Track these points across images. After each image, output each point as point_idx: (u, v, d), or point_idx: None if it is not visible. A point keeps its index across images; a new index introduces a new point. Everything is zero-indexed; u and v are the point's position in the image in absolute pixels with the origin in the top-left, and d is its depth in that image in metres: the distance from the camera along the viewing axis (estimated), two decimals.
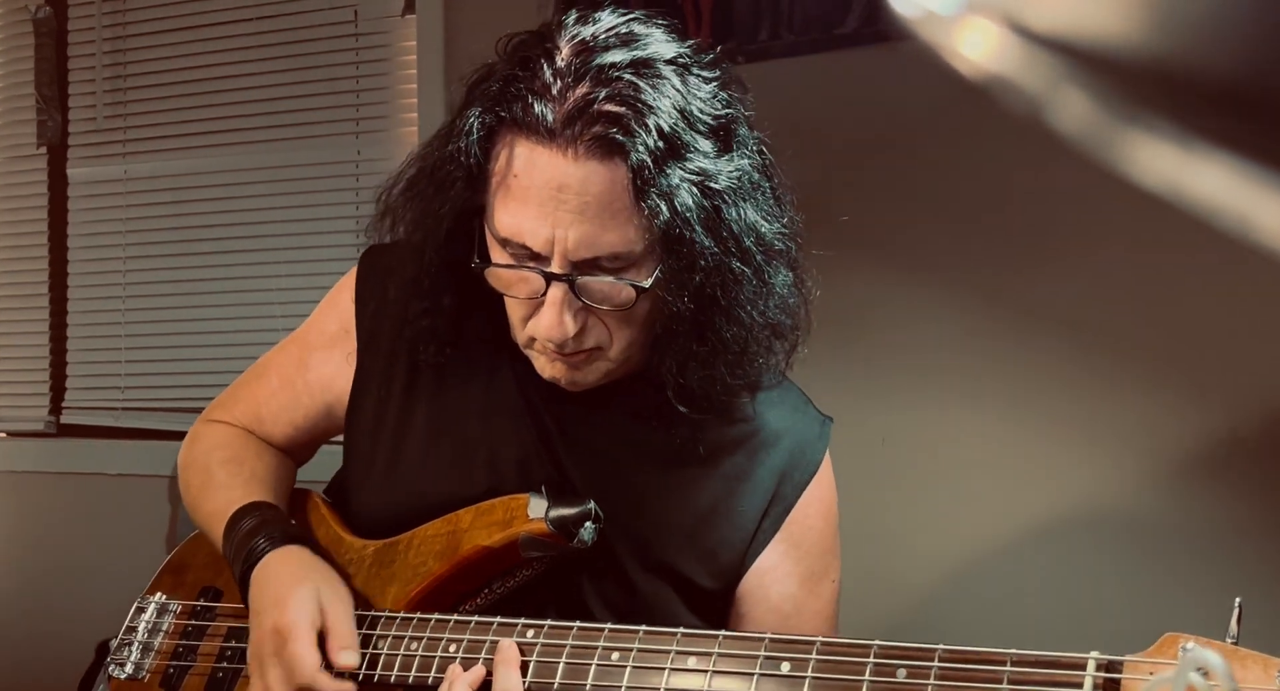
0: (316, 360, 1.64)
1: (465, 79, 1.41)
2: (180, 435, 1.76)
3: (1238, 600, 0.98)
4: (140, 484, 3.13)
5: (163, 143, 3.22)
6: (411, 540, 1.48)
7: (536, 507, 1.40)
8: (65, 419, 3.32)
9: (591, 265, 1.32)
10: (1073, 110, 0.51)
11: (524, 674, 1.28)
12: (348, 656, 1.38)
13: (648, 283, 1.33)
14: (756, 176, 1.37)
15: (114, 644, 1.64)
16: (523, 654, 1.29)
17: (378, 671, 1.37)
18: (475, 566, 1.43)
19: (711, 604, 1.50)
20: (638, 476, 1.48)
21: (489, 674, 1.30)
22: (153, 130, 3.23)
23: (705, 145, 1.32)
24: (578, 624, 1.29)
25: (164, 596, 1.66)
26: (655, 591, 1.46)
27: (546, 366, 1.42)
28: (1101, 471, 2.25)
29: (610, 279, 1.33)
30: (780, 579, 1.50)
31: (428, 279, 1.45)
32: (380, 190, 1.50)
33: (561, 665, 1.26)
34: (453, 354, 1.51)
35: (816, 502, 1.52)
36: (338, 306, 1.63)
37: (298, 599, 1.40)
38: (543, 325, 1.35)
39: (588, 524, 1.40)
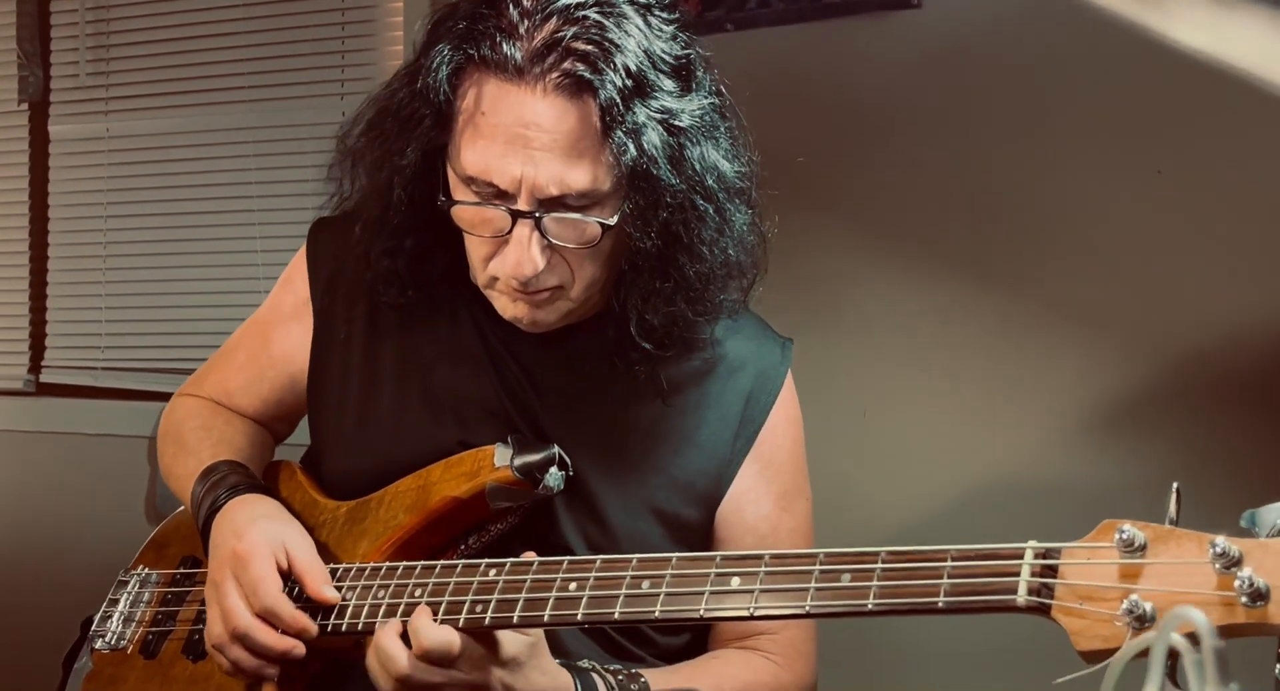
0: (277, 335, 1.66)
1: (428, 18, 1.43)
2: (160, 395, 1.78)
3: (1175, 485, 0.99)
4: (119, 444, 3.11)
5: (146, 100, 3.19)
6: (383, 497, 1.49)
7: (502, 456, 1.41)
8: (45, 378, 3.30)
9: (557, 203, 1.34)
10: None
11: (485, 611, 1.28)
12: (330, 590, 1.38)
13: (613, 220, 1.35)
14: (715, 117, 1.40)
15: (97, 617, 1.65)
16: (485, 592, 1.28)
17: (345, 620, 1.37)
18: (445, 518, 1.44)
19: (695, 535, 1.51)
20: (607, 415, 1.50)
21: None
22: (136, 88, 3.20)
23: (669, 85, 1.35)
24: (538, 559, 1.29)
25: (145, 569, 1.66)
26: (637, 529, 1.47)
27: (508, 306, 1.43)
28: (1081, 444, 2.26)
29: (576, 216, 1.34)
30: (755, 500, 1.52)
31: (393, 218, 1.45)
32: (339, 134, 1.50)
33: (521, 599, 1.25)
34: (414, 296, 1.52)
35: (783, 422, 1.55)
36: (292, 281, 1.66)
37: (258, 529, 1.41)
38: (509, 263, 1.36)
39: (553, 470, 1.41)
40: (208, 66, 3.12)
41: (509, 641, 1.26)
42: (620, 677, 1.39)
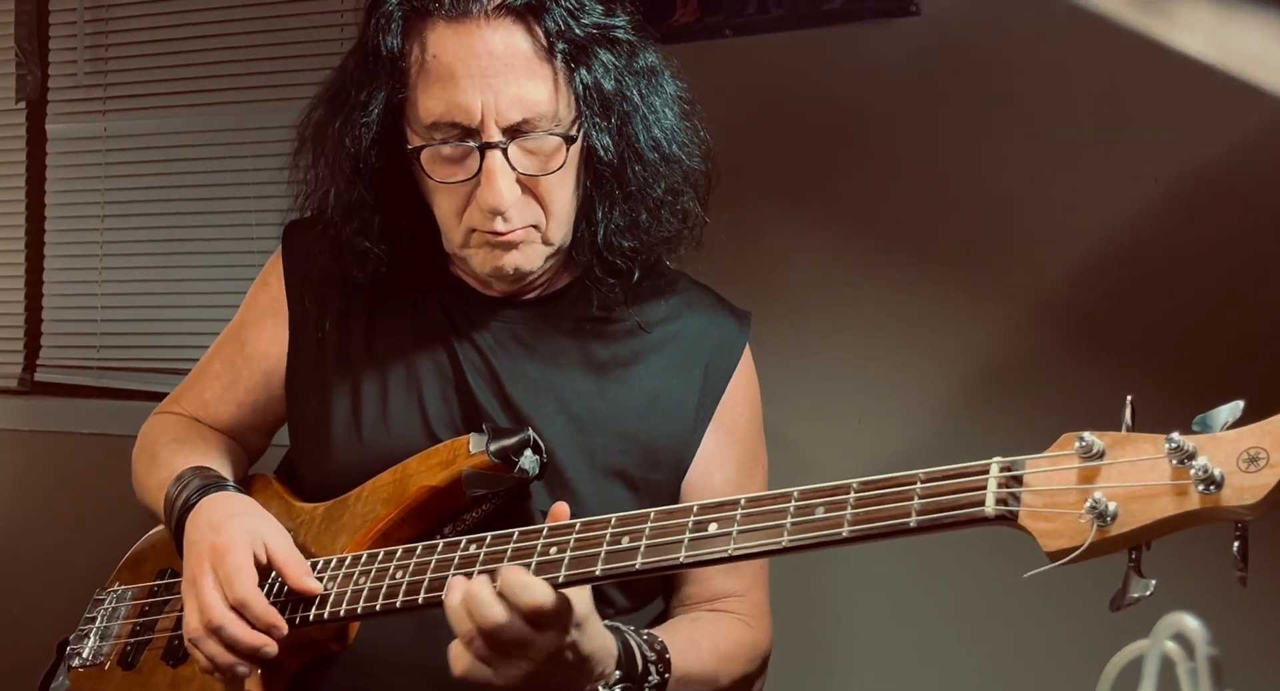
0: (251, 334, 1.68)
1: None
2: (155, 395, 1.79)
3: (1129, 397, 1.03)
4: (113, 443, 3.09)
5: (144, 100, 3.19)
6: (361, 493, 1.50)
7: (477, 443, 1.44)
8: (39, 376, 3.29)
9: (519, 131, 1.40)
10: None
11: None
12: (312, 580, 1.38)
13: (575, 132, 1.43)
14: (641, 34, 1.51)
15: (72, 638, 1.65)
16: (466, 565, 1.29)
17: (327, 609, 1.37)
18: (423, 508, 1.45)
19: (662, 498, 1.54)
20: (572, 386, 1.53)
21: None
22: (134, 87, 3.20)
23: (598, 9, 1.46)
24: (518, 529, 1.29)
25: (121, 586, 1.66)
26: (606, 494, 1.50)
27: (487, 259, 1.46)
28: None
29: (540, 136, 1.41)
30: (721, 465, 1.57)
31: (361, 189, 1.49)
32: (297, 124, 1.56)
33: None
34: (387, 274, 1.54)
35: (742, 390, 1.60)
36: (267, 281, 1.69)
37: (235, 524, 1.41)
38: (485, 196, 1.40)
39: (527, 452, 1.43)
40: (206, 66, 3.11)
41: (579, 601, 1.25)
42: (645, 637, 1.40)
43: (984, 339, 2.34)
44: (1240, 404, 0.98)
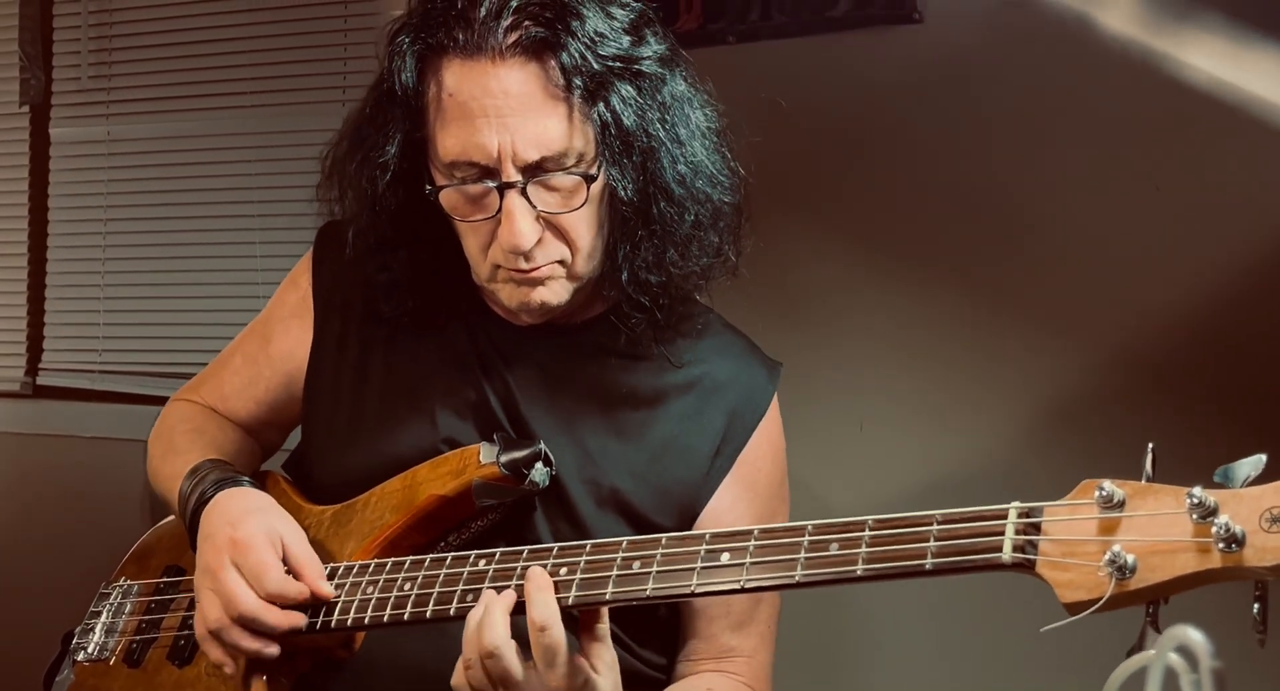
0: (277, 332, 1.66)
1: (383, 31, 1.47)
2: (156, 399, 1.79)
3: (1150, 445, 1.03)
4: (115, 447, 3.11)
5: (147, 104, 3.19)
6: (369, 499, 1.49)
7: (488, 453, 1.42)
8: (42, 380, 3.30)
9: (539, 169, 1.37)
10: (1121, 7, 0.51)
11: (475, 600, 1.27)
12: (326, 584, 1.38)
13: (595, 170, 1.38)
14: (671, 64, 1.45)
15: (78, 630, 1.64)
16: (475, 582, 1.29)
17: (334, 617, 1.37)
18: (431, 516, 1.44)
19: None
20: (590, 418, 1.51)
21: (520, 599, 1.27)
22: (137, 91, 3.21)
23: (623, 38, 1.40)
24: (528, 548, 1.29)
25: (127, 580, 1.66)
26: (608, 529, 1.46)
27: (513, 294, 1.44)
28: (1081, 451, 2.26)
29: (559, 174, 1.37)
30: (735, 521, 1.52)
31: (382, 227, 1.48)
32: (321, 155, 1.53)
33: (512, 586, 1.26)
34: (413, 307, 1.53)
35: (766, 444, 1.55)
36: (297, 281, 1.67)
37: (254, 520, 1.41)
38: (505, 237, 1.37)
39: (538, 465, 1.42)
40: (209, 71, 3.12)
41: (606, 657, 1.26)
42: None
43: (985, 345, 2.34)
44: (1262, 458, 0.97)
